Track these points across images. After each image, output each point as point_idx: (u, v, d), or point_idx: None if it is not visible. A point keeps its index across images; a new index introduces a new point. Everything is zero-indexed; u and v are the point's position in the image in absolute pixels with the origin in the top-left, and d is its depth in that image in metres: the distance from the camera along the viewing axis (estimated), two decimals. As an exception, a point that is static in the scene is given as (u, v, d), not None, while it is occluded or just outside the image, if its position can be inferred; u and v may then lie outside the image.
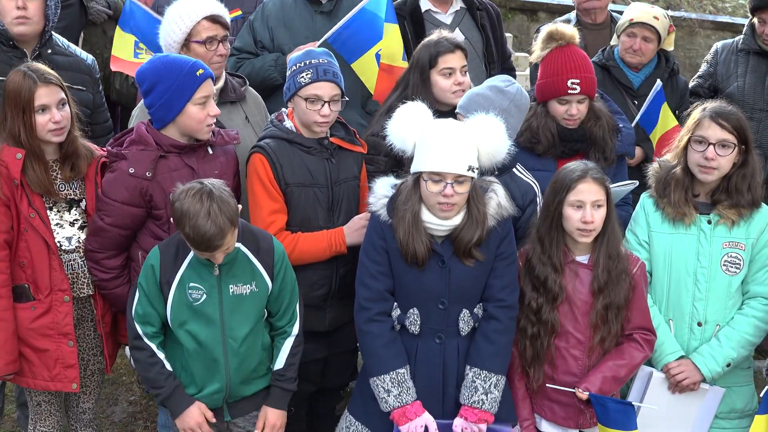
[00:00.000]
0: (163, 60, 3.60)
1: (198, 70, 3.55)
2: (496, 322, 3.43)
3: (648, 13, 5.00)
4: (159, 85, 3.52)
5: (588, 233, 3.44)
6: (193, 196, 3.19)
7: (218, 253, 3.26)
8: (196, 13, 4.00)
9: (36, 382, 3.66)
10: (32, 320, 3.60)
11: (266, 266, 3.44)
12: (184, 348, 3.41)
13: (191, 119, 3.56)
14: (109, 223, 3.55)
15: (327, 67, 3.70)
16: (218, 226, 3.16)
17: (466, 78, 4.09)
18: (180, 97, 3.52)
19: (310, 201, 3.77)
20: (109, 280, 3.64)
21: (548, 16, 9.15)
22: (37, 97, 3.48)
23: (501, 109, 3.69)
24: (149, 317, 3.40)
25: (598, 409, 3.43)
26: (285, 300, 3.52)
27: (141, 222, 3.60)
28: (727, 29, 9.65)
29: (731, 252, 3.70)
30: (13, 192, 3.51)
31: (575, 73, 4.00)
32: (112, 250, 3.61)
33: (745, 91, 5.08)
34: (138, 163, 3.51)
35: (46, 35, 4.19)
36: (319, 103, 3.67)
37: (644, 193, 3.90)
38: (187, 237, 3.22)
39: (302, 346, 3.58)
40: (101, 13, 5.80)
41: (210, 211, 3.16)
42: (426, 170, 3.28)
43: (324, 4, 4.80)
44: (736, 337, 3.69)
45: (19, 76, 3.50)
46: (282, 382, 3.55)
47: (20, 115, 3.48)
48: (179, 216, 3.20)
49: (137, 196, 3.53)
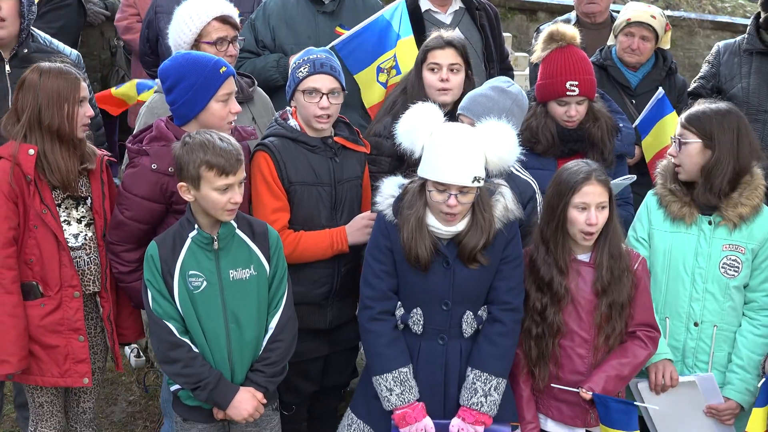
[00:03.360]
0: (187, 57, 3.62)
1: (221, 67, 3.58)
2: (500, 324, 3.43)
3: (645, 12, 5.00)
4: (183, 82, 3.53)
5: (591, 236, 3.44)
6: (198, 134, 3.32)
7: (239, 173, 3.28)
8: (206, 13, 4.00)
9: (45, 379, 3.64)
10: (42, 317, 3.59)
11: (263, 249, 3.44)
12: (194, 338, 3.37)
13: (214, 116, 3.57)
14: (128, 217, 3.58)
15: (324, 60, 3.73)
16: (234, 146, 3.30)
17: (456, 77, 4.06)
18: (204, 95, 3.54)
19: (314, 200, 3.77)
20: (128, 273, 3.65)
21: (548, 16, 9.16)
22: (81, 89, 3.56)
23: (504, 109, 3.69)
24: (171, 312, 3.35)
25: (601, 409, 3.43)
26: (273, 286, 3.48)
27: (160, 217, 3.62)
28: (726, 29, 9.67)
29: (731, 255, 3.69)
30: (23, 189, 3.51)
31: (574, 75, 4.00)
32: (130, 244, 3.63)
33: (750, 93, 5.04)
34: (160, 159, 3.53)
35: (23, 35, 4.17)
36: (318, 96, 3.68)
37: (650, 192, 3.90)
38: (209, 164, 3.23)
39: (280, 343, 3.46)
40: (98, 14, 5.82)
41: (221, 137, 3.30)
42: (431, 179, 3.27)
43: (326, 4, 4.81)
44: (756, 361, 3.69)
45: (58, 72, 3.53)
46: (254, 374, 3.45)
47: (62, 107, 3.50)
48: (198, 147, 3.24)
49: (158, 192, 3.55)
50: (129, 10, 5.70)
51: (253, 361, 3.46)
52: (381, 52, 4.72)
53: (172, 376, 3.42)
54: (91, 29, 5.76)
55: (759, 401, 3.49)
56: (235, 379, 3.43)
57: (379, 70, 4.70)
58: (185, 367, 3.34)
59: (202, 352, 3.37)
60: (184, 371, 3.34)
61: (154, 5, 5.14)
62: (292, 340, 3.51)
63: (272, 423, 3.61)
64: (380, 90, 4.75)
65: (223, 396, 3.37)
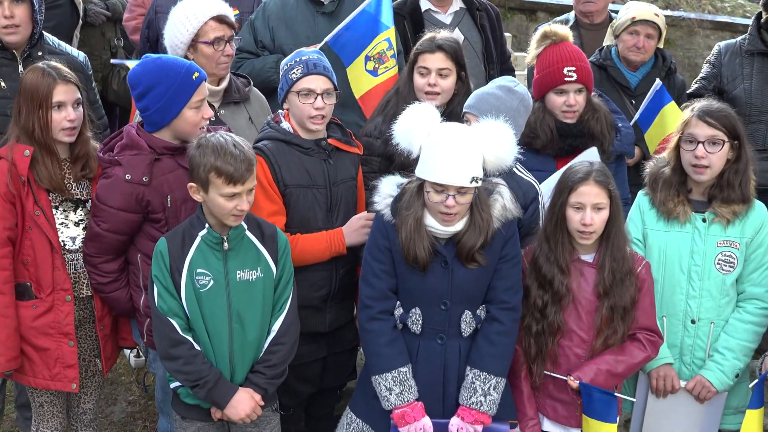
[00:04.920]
0: (158, 63, 3.56)
1: (194, 73, 3.54)
2: (499, 324, 3.43)
3: (649, 11, 5.02)
4: (155, 88, 3.49)
5: (588, 236, 3.44)
6: (213, 137, 3.30)
7: (248, 182, 3.28)
8: (203, 13, 3.99)
9: (36, 381, 3.67)
10: (34, 318, 3.60)
11: (271, 251, 3.43)
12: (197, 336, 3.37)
13: (187, 123, 3.54)
14: (105, 229, 3.54)
15: (317, 61, 3.73)
16: (246, 154, 3.29)
17: (445, 81, 4.02)
18: (177, 102, 3.50)
19: (309, 202, 3.76)
20: (107, 283, 3.64)
21: (547, 16, 9.16)
22: (55, 93, 3.51)
23: (511, 108, 3.70)
24: (176, 308, 3.35)
25: (585, 399, 3.43)
26: (279, 289, 3.48)
27: (137, 227, 3.58)
28: (726, 29, 9.67)
29: (725, 250, 3.71)
30: (19, 189, 3.52)
31: (570, 62, 4.00)
32: (109, 255, 3.61)
33: (753, 94, 5.05)
34: (134, 169, 3.49)
35: (35, 37, 4.20)
36: (312, 96, 3.68)
37: (640, 192, 3.91)
38: (218, 171, 3.22)
39: (281, 346, 3.47)
40: (99, 15, 5.81)
41: (235, 143, 3.29)
42: (429, 180, 3.27)
43: (326, 5, 4.80)
44: (737, 347, 3.71)
45: (38, 72, 3.53)
46: (254, 375, 3.46)
47: (36, 110, 3.49)
48: (210, 152, 3.24)
49: (133, 202, 3.51)
50: (137, 10, 5.65)
51: (254, 362, 3.46)
52: (369, 41, 4.69)
53: (172, 372, 3.42)
54: (92, 29, 5.75)
55: (753, 403, 3.50)
56: (234, 379, 3.43)
57: (367, 59, 4.69)
58: (186, 365, 3.34)
59: (204, 350, 3.37)
60: (185, 368, 3.34)
61: (154, 5, 5.14)
62: (294, 343, 3.51)
63: (272, 423, 3.62)
64: (369, 78, 4.71)
65: (222, 395, 3.37)
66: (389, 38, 4.67)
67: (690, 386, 3.74)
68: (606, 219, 3.44)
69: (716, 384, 3.71)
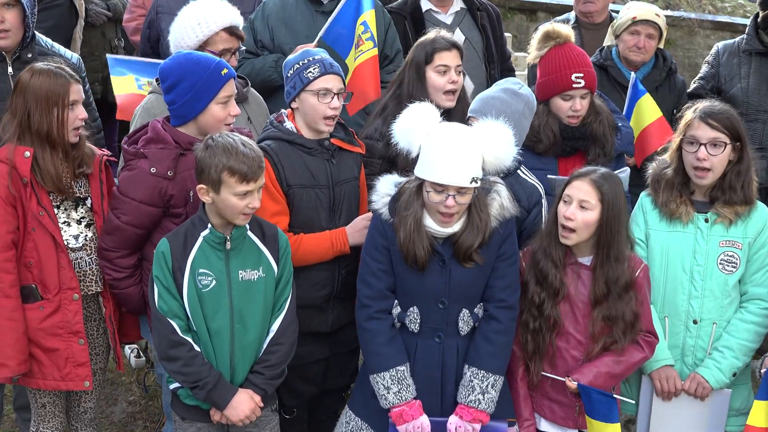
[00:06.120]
0: (188, 57, 3.58)
1: (223, 69, 3.55)
2: (497, 322, 3.43)
3: (650, 11, 5.02)
4: (183, 82, 3.50)
5: (567, 232, 3.42)
6: (221, 137, 3.31)
7: (260, 179, 3.30)
8: (216, 23, 3.97)
9: (46, 383, 3.64)
10: (41, 320, 3.58)
11: (272, 251, 3.44)
12: (198, 336, 3.37)
13: (213, 118, 3.55)
14: (125, 221, 3.53)
15: (332, 61, 3.73)
16: (256, 152, 3.31)
17: (460, 78, 4.06)
18: (204, 96, 3.51)
19: (312, 202, 3.76)
20: (122, 279, 3.63)
21: (547, 16, 9.15)
22: (71, 92, 3.53)
23: (516, 111, 3.69)
24: (176, 309, 3.35)
25: (585, 400, 3.43)
26: (279, 288, 3.48)
27: (157, 221, 3.59)
28: (726, 29, 9.67)
29: (728, 251, 3.70)
30: (20, 191, 3.51)
31: (578, 67, 4.00)
32: (126, 249, 3.60)
33: (750, 93, 5.05)
34: (160, 162, 3.49)
35: (26, 40, 4.19)
36: (330, 96, 3.66)
37: (643, 192, 3.91)
38: (232, 170, 3.23)
39: (280, 346, 3.47)
40: (100, 15, 5.81)
41: (243, 142, 3.30)
42: (429, 180, 3.27)
43: (325, 4, 4.79)
44: (737, 346, 3.70)
45: (47, 73, 3.52)
46: (253, 376, 3.46)
47: (52, 110, 3.49)
48: (221, 152, 3.24)
49: (156, 196, 3.51)
50: (138, 10, 5.65)
51: (254, 362, 3.46)
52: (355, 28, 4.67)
53: (171, 373, 3.42)
54: (92, 30, 5.75)
55: (760, 394, 3.49)
56: (235, 379, 3.43)
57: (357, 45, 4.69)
58: (185, 366, 3.34)
59: (205, 350, 3.37)
60: (184, 369, 3.34)
61: (155, 5, 5.13)
62: (292, 344, 3.51)
63: (271, 423, 3.62)
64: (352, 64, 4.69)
65: (222, 396, 3.37)
66: (365, 21, 4.63)
67: (686, 385, 3.74)
68: (591, 222, 3.40)
69: (711, 381, 3.70)
